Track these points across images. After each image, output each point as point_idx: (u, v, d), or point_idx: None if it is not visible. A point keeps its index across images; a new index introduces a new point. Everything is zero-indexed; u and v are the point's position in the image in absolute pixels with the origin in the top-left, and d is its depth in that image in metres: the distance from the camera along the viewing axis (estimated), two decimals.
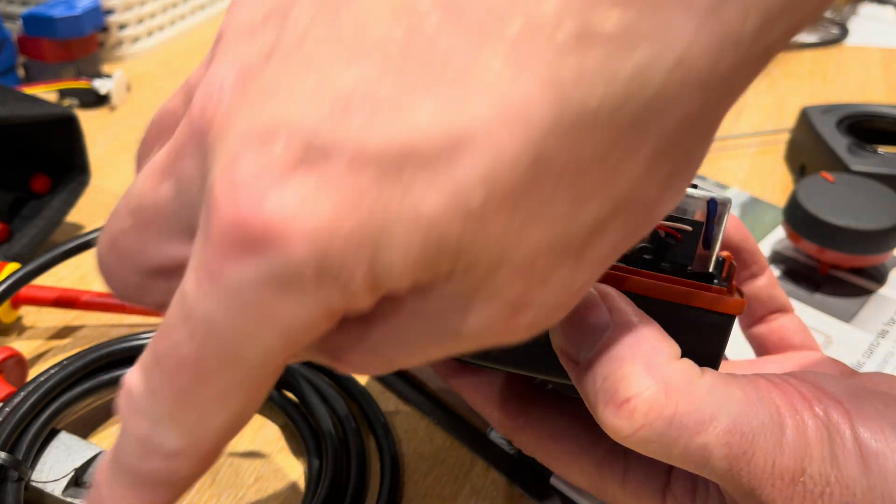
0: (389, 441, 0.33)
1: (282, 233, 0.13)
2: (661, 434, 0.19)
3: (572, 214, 0.14)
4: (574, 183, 0.14)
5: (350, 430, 0.32)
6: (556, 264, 0.15)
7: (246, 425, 0.17)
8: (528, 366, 0.24)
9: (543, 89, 0.13)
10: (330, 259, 0.13)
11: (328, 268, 0.13)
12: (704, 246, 0.23)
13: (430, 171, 0.13)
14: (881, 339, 0.40)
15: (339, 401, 0.34)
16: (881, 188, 0.45)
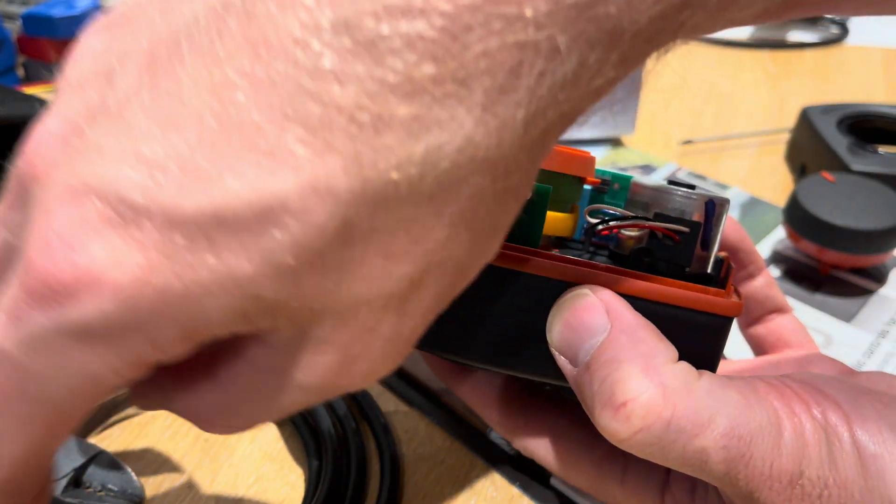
0: (389, 441, 0.33)
1: (87, 286, 0.14)
2: (659, 437, 0.19)
3: (386, 272, 0.16)
4: (384, 245, 0.15)
5: (350, 430, 0.32)
6: (380, 316, 0.17)
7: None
8: (524, 368, 0.24)
9: (346, 166, 0.14)
10: (135, 314, 0.14)
11: (133, 322, 0.14)
12: (702, 247, 0.23)
13: (243, 237, 0.14)
14: (881, 339, 0.40)
15: (339, 401, 0.34)
16: (881, 188, 0.45)
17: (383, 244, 0.15)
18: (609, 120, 0.59)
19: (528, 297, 0.23)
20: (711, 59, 0.82)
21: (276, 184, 0.14)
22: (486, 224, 0.17)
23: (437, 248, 0.16)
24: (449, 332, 0.23)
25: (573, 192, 0.25)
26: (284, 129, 0.14)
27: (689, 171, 0.58)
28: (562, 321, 0.22)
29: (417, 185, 0.15)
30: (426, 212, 0.15)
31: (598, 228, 0.24)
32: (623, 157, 0.59)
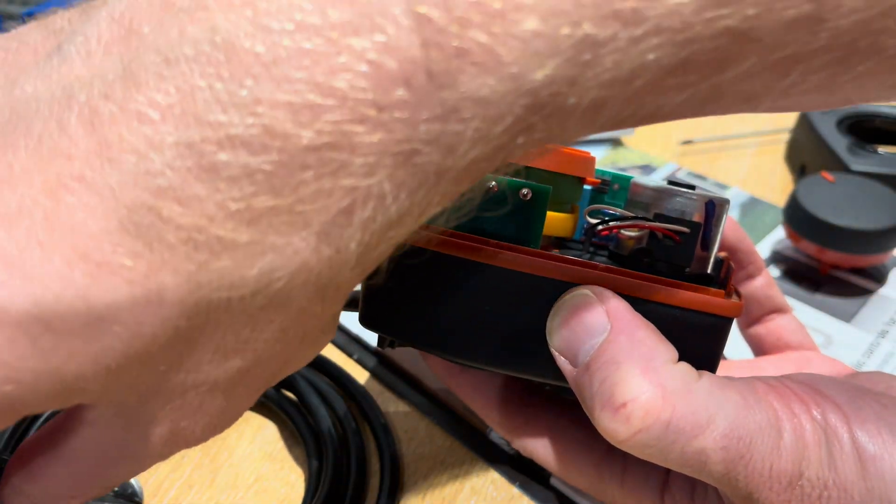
0: (389, 441, 0.33)
1: None
2: (658, 438, 0.19)
3: (214, 365, 0.17)
4: (214, 343, 0.16)
5: (350, 430, 0.32)
6: (207, 398, 0.18)
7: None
8: (524, 368, 0.24)
9: (179, 283, 0.15)
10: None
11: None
12: (702, 247, 0.23)
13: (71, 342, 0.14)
14: (881, 339, 0.40)
15: (339, 401, 0.34)
16: (881, 188, 0.45)
17: (213, 342, 0.16)
18: None
19: (528, 297, 0.23)
20: None
21: (108, 295, 0.14)
22: (313, 329, 0.18)
23: (267, 348, 0.17)
24: (449, 333, 0.23)
25: (573, 193, 0.25)
26: (120, 241, 0.14)
27: (688, 171, 0.58)
28: (562, 321, 0.22)
29: (249, 302, 0.16)
30: (257, 320, 0.16)
31: (598, 229, 0.24)
32: (623, 157, 0.59)
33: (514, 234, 0.23)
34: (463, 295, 0.23)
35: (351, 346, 0.38)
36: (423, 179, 0.15)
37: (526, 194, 0.22)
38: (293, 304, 0.16)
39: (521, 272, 0.22)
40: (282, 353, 0.18)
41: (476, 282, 0.23)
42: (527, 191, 0.22)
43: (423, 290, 0.23)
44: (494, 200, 0.23)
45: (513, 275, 0.22)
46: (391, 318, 0.24)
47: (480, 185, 0.23)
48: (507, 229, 0.23)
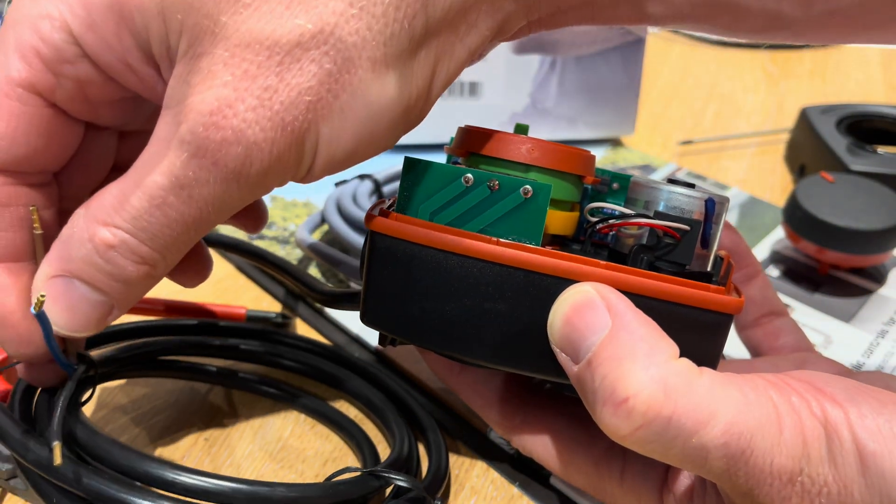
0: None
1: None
2: (659, 434, 0.19)
3: (285, 16, 0.19)
4: None
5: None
6: (262, 64, 0.19)
7: None
8: (526, 365, 0.24)
9: None
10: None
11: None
12: (702, 245, 0.23)
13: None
14: (881, 339, 0.40)
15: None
16: (881, 188, 0.45)
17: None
18: (609, 120, 0.59)
19: (529, 294, 0.23)
20: (711, 59, 0.82)
21: None
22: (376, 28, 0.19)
23: (331, 15, 0.19)
24: (450, 330, 0.23)
25: (573, 191, 0.25)
26: None
27: (688, 171, 0.58)
28: (563, 318, 0.22)
29: None
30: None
31: (599, 227, 0.25)
32: (623, 158, 0.59)
33: (515, 231, 0.23)
34: (464, 292, 0.23)
35: (351, 346, 0.38)
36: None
37: (527, 192, 0.22)
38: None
39: (522, 269, 0.22)
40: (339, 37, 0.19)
41: (477, 279, 0.23)
42: (528, 188, 0.22)
43: (425, 288, 0.23)
44: (495, 198, 0.23)
45: (514, 272, 0.22)
46: (392, 315, 0.25)
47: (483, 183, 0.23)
48: (508, 227, 0.23)
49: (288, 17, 0.19)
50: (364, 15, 0.19)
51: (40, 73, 0.21)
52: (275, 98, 0.19)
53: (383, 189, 0.47)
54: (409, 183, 0.24)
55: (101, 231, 0.21)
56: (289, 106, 0.19)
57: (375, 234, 0.24)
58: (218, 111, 0.19)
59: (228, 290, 0.42)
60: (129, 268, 0.21)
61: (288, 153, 0.20)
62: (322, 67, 0.19)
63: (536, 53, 0.55)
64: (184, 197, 0.20)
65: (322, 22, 0.19)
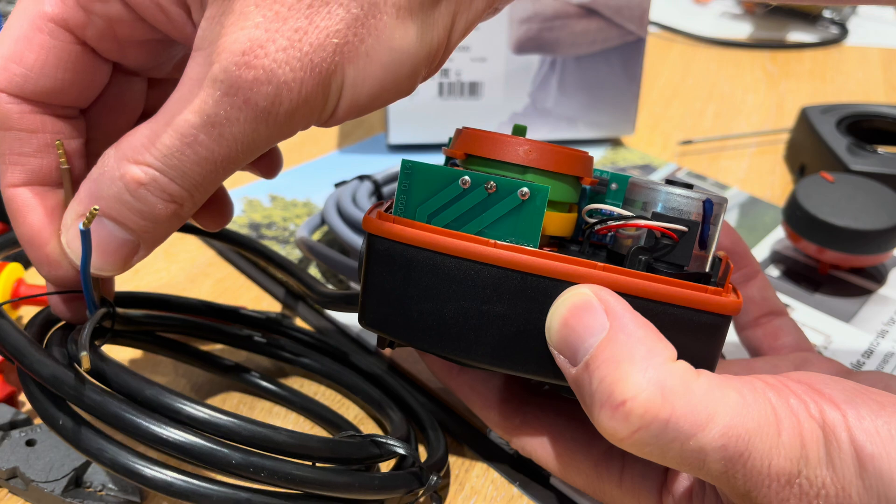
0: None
1: None
2: (657, 436, 0.19)
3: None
4: None
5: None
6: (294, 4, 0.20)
7: None
8: (524, 367, 0.24)
9: None
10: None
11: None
12: (700, 246, 0.23)
13: None
14: (881, 339, 0.40)
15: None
16: (881, 188, 0.45)
17: None
18: (609, 120, 0.59)
19: (527, 296, 0.23)
20: (711, 59, 0.82)
21: None
22: None
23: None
24: (448, 333, 0.23)
25: (571, 192, 0.25)
26: None
27: (688, 171, 0.58)
28: (560, 320, 0.22)
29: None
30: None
31: (597, 228, 0.25)
32: (622, 158, 0.59)
33: (513, 233, 0.23)
34: (462, 294, 0.23)
35: (349, 347, 0.38)
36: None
37: (524, 194, 0.22)
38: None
39: (520, 271, 0.22)
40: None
41: (475, 281, 0.23)
42: (525, 190, 0.22)
43: (422, 290, 0.23)
44: (493, 200, 0.23)
45: (511, 274, 0.22)
46: (390, 318, 0.25)
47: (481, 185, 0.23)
48: (506, 229, 0.23)
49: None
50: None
51: (72, 9, 0.22)
52: (304, 39, 0.20)
53: (383, 190, 0.47)
54: (406, 185, 0.24)
55: (131, 168, 0.21)
56: (317, 48, 0.20)
57: (373, 237, 0.24)
58: (250, 51, 0.20)
59: (228, 290, 0.42)
60: (159, 206, 0.22)
61: (315, 94, 0.21)
62: (349, 11, 0.20)
63: (536, 53, 0.55)
64: (214, 135, 0.21)
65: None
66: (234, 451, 0.23)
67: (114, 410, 0.23)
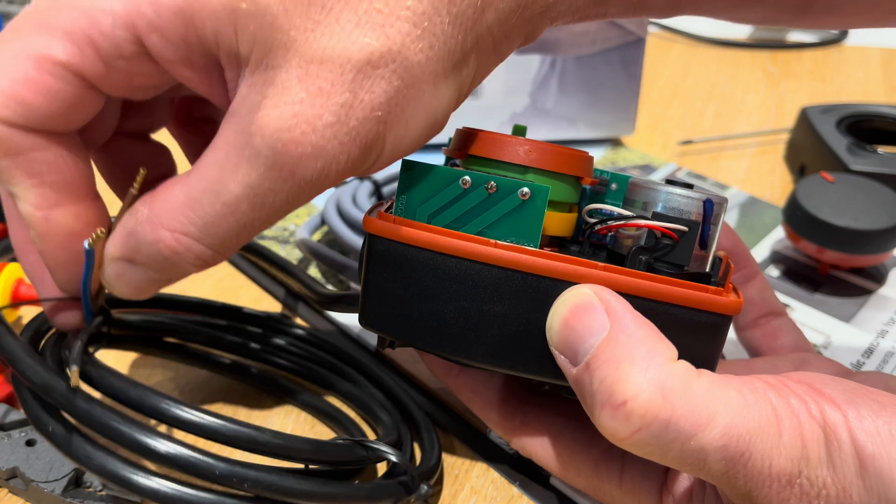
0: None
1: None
2: (658, 436, 0.19)
3: (355, 35, 0.20)
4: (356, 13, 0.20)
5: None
6: (335, 81, 0.20)
7: None
8: (524, 367, 0.24)
9: None
10: None
11: None
12: (701, 246, 0.23)
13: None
14: (881, 339, 0.40)
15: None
16: (881, 188, 0.45)
17: (359, 11, 0.20)
18: (609, 120, 0.59)
19: (527, 296, 0.23)
20: (711, 59, 0.82)
21: None
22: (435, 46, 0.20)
23: (397, 36, 0.20)
24: (449, 333, 0.23)
25: (571, 192, 0.25)
26: None
27: (688, 171, 0.58)
28: (561, 320, 0.22)
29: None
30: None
31: (597, 228, 0.24)
32: (622, 158, 0.59)
33: (513, 233, 0.23)
34: (462, 295, 0.23)
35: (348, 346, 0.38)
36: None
37: (525, 194, 0.22)
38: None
39: (521, 271, 0.22)
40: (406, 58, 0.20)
41: (475, 281, 0.23)
42: (526, 190, 0.22)
43: (423, 290, 0.23)
44: (493, 200, 0.23)
45: (512, 274, 0.22)
46: (391, 318, 0.24)
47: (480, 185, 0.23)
48: (506, 229, 0.23)
49: (357, 36, 0.20)
50: (426, 35, 0.20)
51: (92, 61, 0.21)
52: (350, 114, 0.20)
53: (383, 190, 0.47)
54: (406, 185, 0.24)
55: (167, 237, 0.22)
56: (363, 121, 0.20)
57: (373, 237, 0.24)
58: (296, 127, 0.20)
59: (228, 290, 0.42)
60: (192, 267, 0.23)
61: (359, 161, 0.21)
62: (391, 85, 0.20)
63: (536, 53, 0.55)
64: (257, 204, 0.21)
65: (389, 42, 0.20)
66: (217, 461, 0.24)
67: (101, 419, 0.24)
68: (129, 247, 0.23)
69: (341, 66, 0.20)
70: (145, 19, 0.20)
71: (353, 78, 0.20)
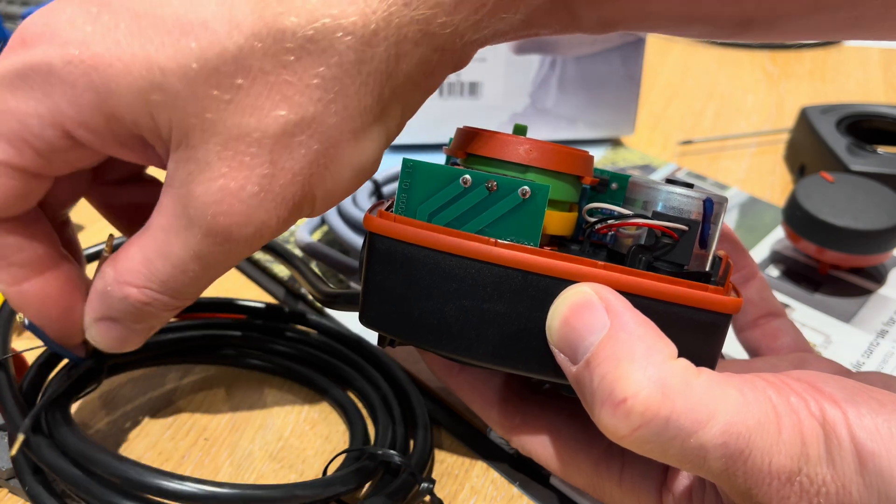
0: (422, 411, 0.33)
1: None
2: (658, 434, 0.19)
3: (267, 111, 0.20)
4: (269, 83, 0.20)
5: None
6: (255, 154, 0.21)
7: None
8: (524, 365, 0.24)
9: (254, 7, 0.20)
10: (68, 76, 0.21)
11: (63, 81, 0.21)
12: (701, 245, 0.23)
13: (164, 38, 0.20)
14: (881, 339, 0.40)
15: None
16: (881, 188, 0.45)
17: (269, 83, 0.20)
18: (609, 120, 0.59)
19: (528, 294, 0.23)
20: (711, 59, 0.82)
21: (202, 8, 0.20)
22: (352, 104, 0.21)
23: (311, 103, 0.21)
24: (449, 331, 0.24)
25: (571, 192, 0.25)
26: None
27: (688, 171, 0.58)
28: (561, 319, 0.22)
29: (300, 32, 0.20)
30: (305, 62, 0.20)
31: (597, 227, 0.25)
32: (622, 157, 0.59)
33: (514, 232, 0.23)
34: (462, 293, 0.23)
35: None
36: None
37: (525, 193, 0.22)
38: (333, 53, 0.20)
39: (521, 270, 0.22)
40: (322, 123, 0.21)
41: (475, 280, 0.23)
42: (526, 189, 0.22)
43: (423, 289, 0.23)
44: (494, 199, 0.23)
45: (512, 273, 0.22)
46: (391, 316, 0.25)
47: (481, 183, 0.23)
48: (507, 228, 0.23)
49: (270, 109, 0.20)
50: (339, 97, 0.21)
51: (30, 157, 0.22)
52: (274, 182, 0.21)
53: (383, 190, 0.47)
54: (407, 184, 0.24)
55: (133, 292, 0.23)
56: (287, 185, 0.21)
57: (374, 236, 0.24)
58: (223, 200, 0.21)
59: (228, 289, 0.42)
60: (162, 314, 0.25)
61: (291, 220, 0.23)
62: (311, 149, 0.21)
63: (536, 53, 0.55)
64: (203, 264, 0.23)
65: (302, 110, 0.21)
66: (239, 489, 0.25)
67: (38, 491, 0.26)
68: (104, 306, 0.24)
69: (258, 140, 0.21)
70: (68, 118, 0.21)
71: (272, 149, 0.21)
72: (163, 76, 0.20)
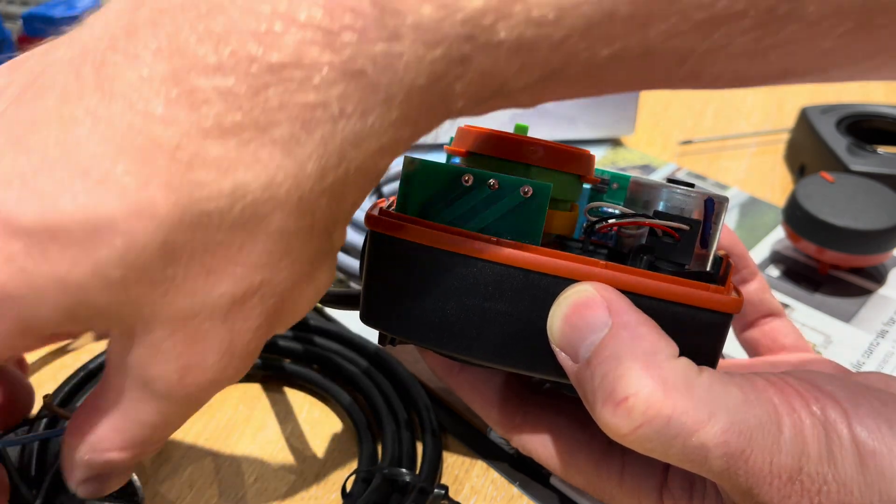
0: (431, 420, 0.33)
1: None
2: (659, 433, 0.19)
3: (209, 288, 0.19)
4: (205, 264, 0.18)
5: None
6: (207, 328, 0.19)
7: None
8: (525, 364, 0.24)
9: (166, 195, 0.17)
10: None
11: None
12: (702, 245, 0.23)
13: (74, 250, 0.17)
14: (881, 339, 0.40)
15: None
16: (881, 188, 0.45)
17: (205, 263, 0.18)
18: (609, 120, 0.59)
19: (529, 293, 0.23)
20: None
21: (105, 207, 0.17)
22: (300, 255, 0.19)
23: (255, 271, 0.19)
24: (450, 330, 0.24)
25: (573, 191, 0.25)
26: (116, 161, 0.17)
27: (688, 171, 0.58)
28: (562, 318, 0.22)
29: (228, 215, 0.18)
30: (240, 237, 0.18)
31: (598, 226, 0.25)
32: (623, 158, 0.59)
33: (515, 231, 0.23)
34: (464, 292, 0.23)
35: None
36: (373, 101, 0.17)
37: (527, 192, 0.22)
38: (271, 223, 0.18)
39: (522, 269, 0.22)
40: (272, 282, 0.19)
41: (477, 278, 0.23)
42: (527, 188, 0.22)
43: (424, 287, 0.23)
44: (495, 197, 0.23)
45: (513, 271, 0.22)
46: (392, 315, 0.25)
47: (482, 183, 0.23)
48: (508, 226, 0.23)
49: (213, 285, 0.19)
50: (285, 256, 0.19)
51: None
52: (235, 345, 0.20)
53: (383, 189, 0.47)
54: (408, 182, 0.24)
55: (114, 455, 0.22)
56: (249, 341, 0.20)
57: (375, 234, 0.24)
58: (187, 376, 0.20)
59: None
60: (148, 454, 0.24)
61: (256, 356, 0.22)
62: (266, 305, 0.20)
63: None
64: (171, 424, 0.22)
65: (247, 282, 0.19)
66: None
67: None
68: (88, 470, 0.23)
69: (210, 316, 0.19)
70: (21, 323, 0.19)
71: (225, 319, 0.19)
72: (84, 293, 0.18)
